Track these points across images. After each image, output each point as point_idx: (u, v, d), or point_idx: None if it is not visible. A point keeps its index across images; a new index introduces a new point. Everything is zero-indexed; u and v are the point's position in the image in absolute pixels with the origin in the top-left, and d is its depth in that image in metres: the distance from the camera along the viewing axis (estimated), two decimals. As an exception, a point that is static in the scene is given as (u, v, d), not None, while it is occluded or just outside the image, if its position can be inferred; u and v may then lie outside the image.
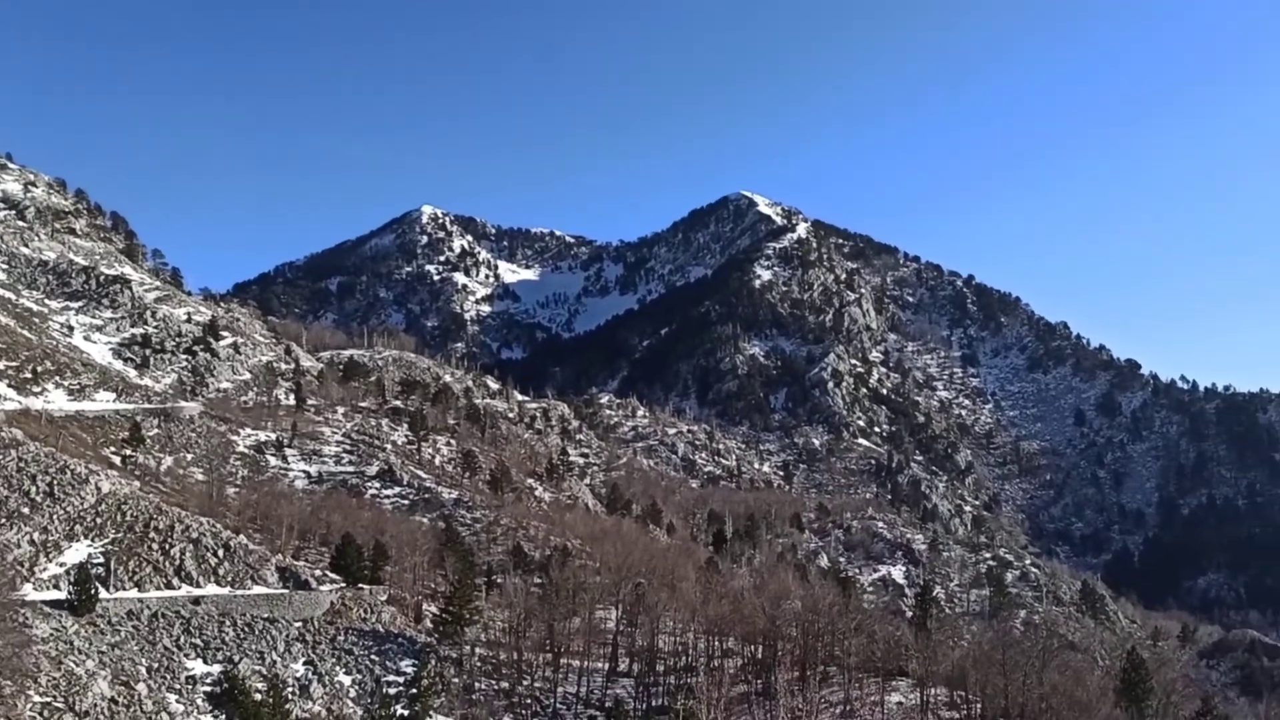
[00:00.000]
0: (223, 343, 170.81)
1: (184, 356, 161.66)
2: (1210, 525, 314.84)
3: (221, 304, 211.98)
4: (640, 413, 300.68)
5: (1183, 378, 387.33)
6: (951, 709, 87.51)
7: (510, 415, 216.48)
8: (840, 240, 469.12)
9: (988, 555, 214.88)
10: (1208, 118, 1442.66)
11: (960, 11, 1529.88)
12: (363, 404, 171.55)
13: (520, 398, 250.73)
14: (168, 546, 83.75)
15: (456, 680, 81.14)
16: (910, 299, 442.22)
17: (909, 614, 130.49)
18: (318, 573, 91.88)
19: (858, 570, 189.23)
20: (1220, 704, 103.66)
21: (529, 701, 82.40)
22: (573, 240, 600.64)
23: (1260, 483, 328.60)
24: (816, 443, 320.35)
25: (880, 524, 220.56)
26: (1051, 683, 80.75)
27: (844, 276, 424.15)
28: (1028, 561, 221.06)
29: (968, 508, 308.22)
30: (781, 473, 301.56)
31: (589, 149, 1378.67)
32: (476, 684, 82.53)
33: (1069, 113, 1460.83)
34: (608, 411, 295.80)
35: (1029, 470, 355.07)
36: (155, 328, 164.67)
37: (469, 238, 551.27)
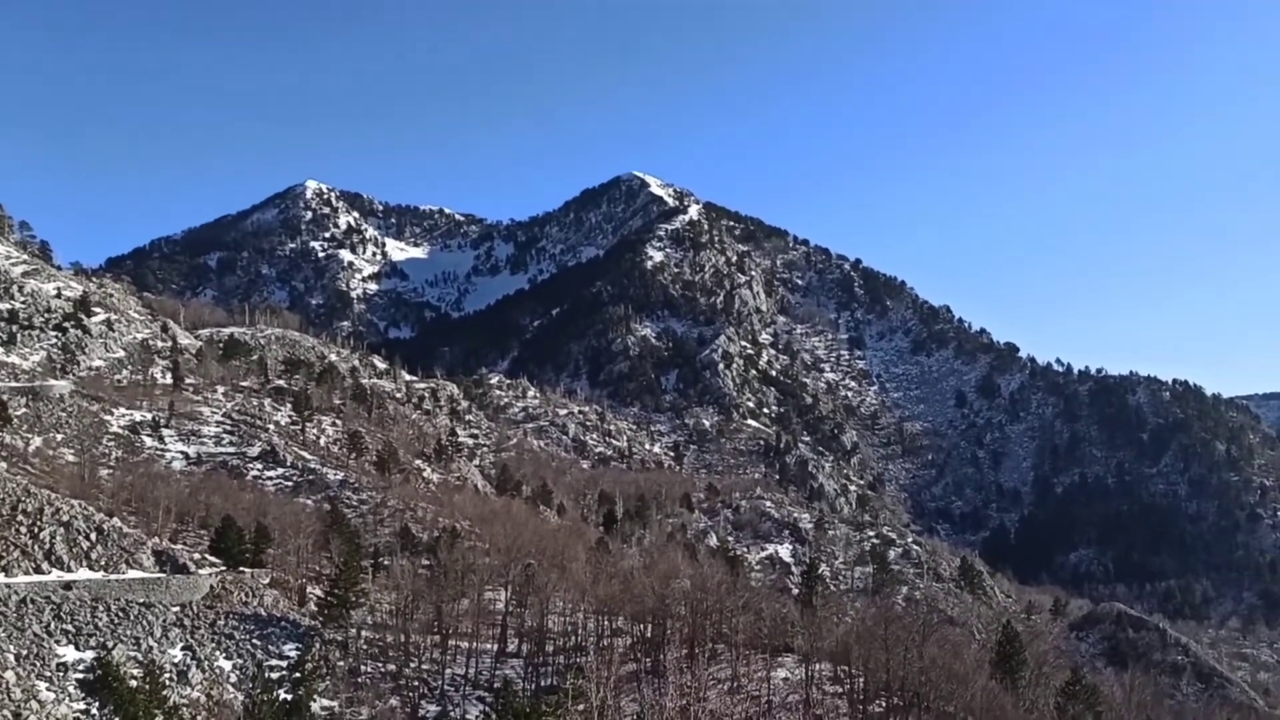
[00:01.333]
0: (95, 319, 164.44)
1: (53, 333, 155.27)
2: (1082, 503, 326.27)
3: (94, 279, 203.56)
4: (531, 393, 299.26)
5: (1058, 361, 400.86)
6: (835, 683, 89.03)
7: (398, 395, 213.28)
8: (731, 223, 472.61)
9: (872, 533, 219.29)
10: (1079, 103, 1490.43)
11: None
12: (244, 383, 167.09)
13: (408, 378, 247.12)
14: (36, 530, 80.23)
15: (342, 663, 79.69)
16: (799, 282, 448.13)
17: (795, 591, 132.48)
18: (196, 556, 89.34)
19: (746, 549, 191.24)
20: (1088, 674, 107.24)
21: (416, 683, 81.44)
22: (463, 218, 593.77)
23: (1128, 462, 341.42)
24: (707, 423, 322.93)
25: (768, 503, 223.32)
26: (931, 656, 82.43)
27: (735, 259, 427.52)
28: (910, 539, 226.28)
29: (853, 487, 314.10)
30: (672, 453, 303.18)
31: (479, 125, 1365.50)
32: (362, 667, 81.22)
33: (948, 98, 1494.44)
34: (498, 392, 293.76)
35: (912, 450, 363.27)
36: (22, 303, 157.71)
37: (355, 214, 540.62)
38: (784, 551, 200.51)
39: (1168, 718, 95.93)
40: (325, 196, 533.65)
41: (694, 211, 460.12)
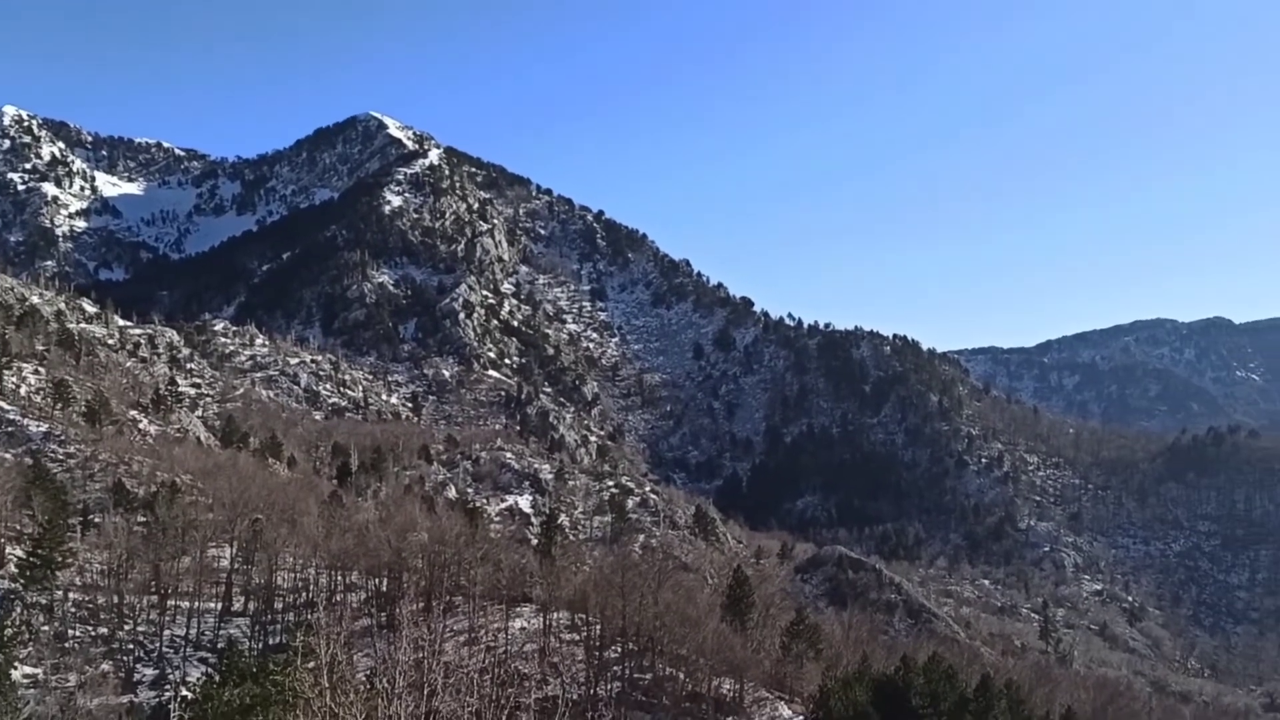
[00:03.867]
0: None
1: None
2: (809, 452, 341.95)
3: None
4: (259, 341, 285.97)
5: (790, 315, 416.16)
6: (573, 631, 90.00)
7: (110, 342, 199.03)
8: (473, 169, 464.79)
9: (611, 483, 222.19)
10: (808, 66, 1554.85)
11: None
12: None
13: (122, 323, 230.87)
14: None
15: (46, 628, 73.71)
16: (542, 232, 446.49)
17: (534, 542, 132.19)
18: None
19: (486, 500, 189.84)
20: (811, 613, 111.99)
21: (131, 646, 76.49)
22: (184, 153, 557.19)
23: (852, 413, 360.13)
24: (446, 374, 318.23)
25: (509, 455, 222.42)
26: (666, 602, 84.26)
27: (477, 206, 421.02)
28: (648, 488, 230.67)
29: (593, 438, 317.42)
30: (410, 404, 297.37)
31: (200, 53, 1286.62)
32: (70, 631, 75.69)
33: (683, 49, 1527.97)
34: (223, 339, 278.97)
35: (651, 401, 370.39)
36: None
37: (61, 144, 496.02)
38: (524, 502, 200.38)
39: (881, 652, 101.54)
40: (26, 124, 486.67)
41: (434, 156, 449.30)
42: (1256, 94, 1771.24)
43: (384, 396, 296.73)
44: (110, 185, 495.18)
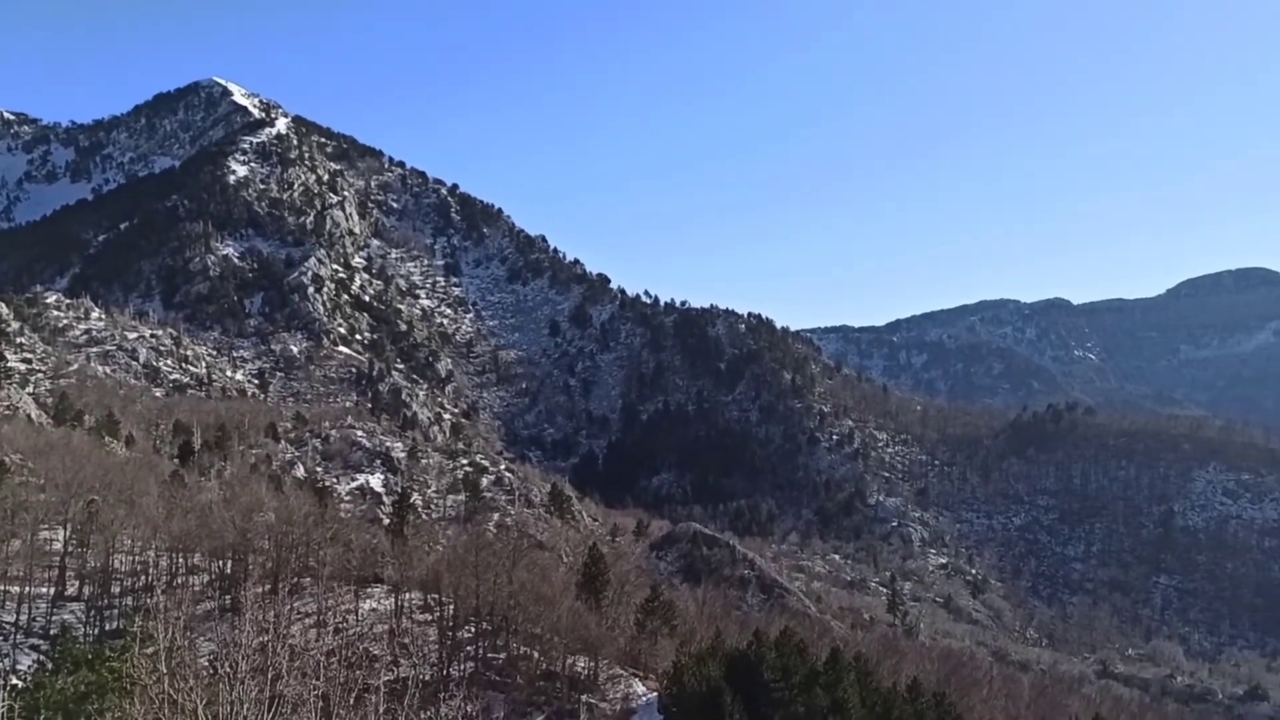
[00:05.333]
0: None
1: None
2: (664, 429, 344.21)
3: None
4: (95, 314, 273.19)
5: (646, 293, 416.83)
6: (425, 611, 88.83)
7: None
8: (323, 139, 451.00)
9: (465, 461, 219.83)
10: (668, 31, 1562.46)
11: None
12: None
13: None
14: None
15: None
16: (395, 205, 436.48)
17: (386, 521, 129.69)
18: None
19: (336, 480, 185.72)
20: (666, 590, 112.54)
21: (-46, 635, 72.04)
22: (12, 117, 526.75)
23: (707, 390, 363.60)
24: (295, 350, 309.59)
25: (360, 433, 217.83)
26: (520, 580, 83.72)
27: (327, 178, 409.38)
28: (503, 466, 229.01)
29: (447, 415, 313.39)
30: (257, 381, 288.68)
31: (33, 11, 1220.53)
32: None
33: (539, 28, 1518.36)
34: (56, 312, 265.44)
35: (506, 379, 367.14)
36: None
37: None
38: (375, 481, 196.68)
39: (735, 627, 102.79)
40: None
41: (282, 125, 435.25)
42: (1090, 85, 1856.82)
43: (229, 373, 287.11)
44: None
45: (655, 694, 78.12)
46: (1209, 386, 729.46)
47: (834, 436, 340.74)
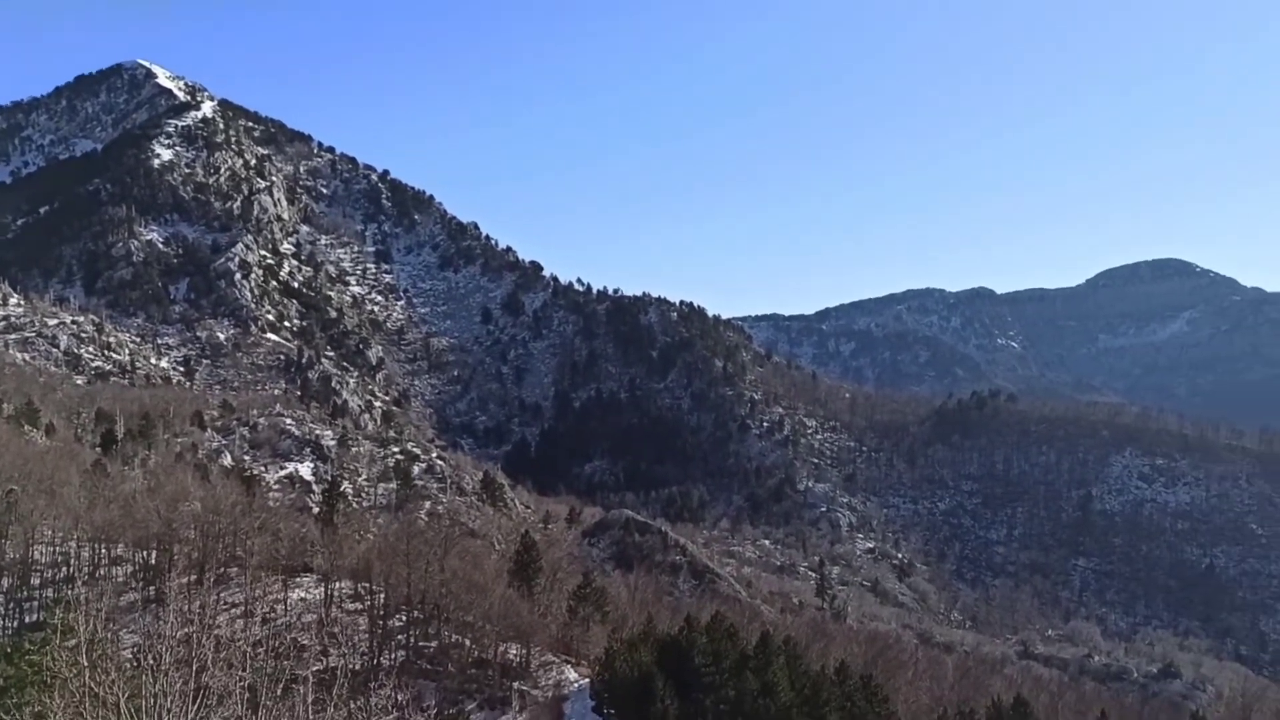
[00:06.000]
0: None
1: None
2: (597, 417, 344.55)
3: None
4: (13, 301, 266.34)
5: (579, 280, 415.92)
6: (356, 600, 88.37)
7: None
8: (250, 123, 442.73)
9: (396, 449, 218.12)
10: (599, 16, 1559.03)
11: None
12: None
13: None
14: None
15: None
16: (324, 191, 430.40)
17: (316, 510, 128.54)
18: None
19: (264, 468, 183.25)
20: (598, 576, 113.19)
21: None
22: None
23: (640, 378, 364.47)
24: (222, 337, 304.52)
25: (289, 421, 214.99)
26: (452, 568, 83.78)
27: (254, 162, 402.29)
28: (434, 454, 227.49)
29: (378, 403, 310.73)
30: (182, 368, 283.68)
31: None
32: None
33: (467, 13, 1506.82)
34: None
35: (438, 366, 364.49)
36: None
37: None
38: (305, 470, 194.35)
39: (666, 613, 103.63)
40: None
41: (208, 108, 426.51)
42: (1009, 78, 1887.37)
43: (153, 360, 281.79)
44: None
45: (587, 680, 78.64)
46: (1126, 374, 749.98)
47: (764, 424, 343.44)
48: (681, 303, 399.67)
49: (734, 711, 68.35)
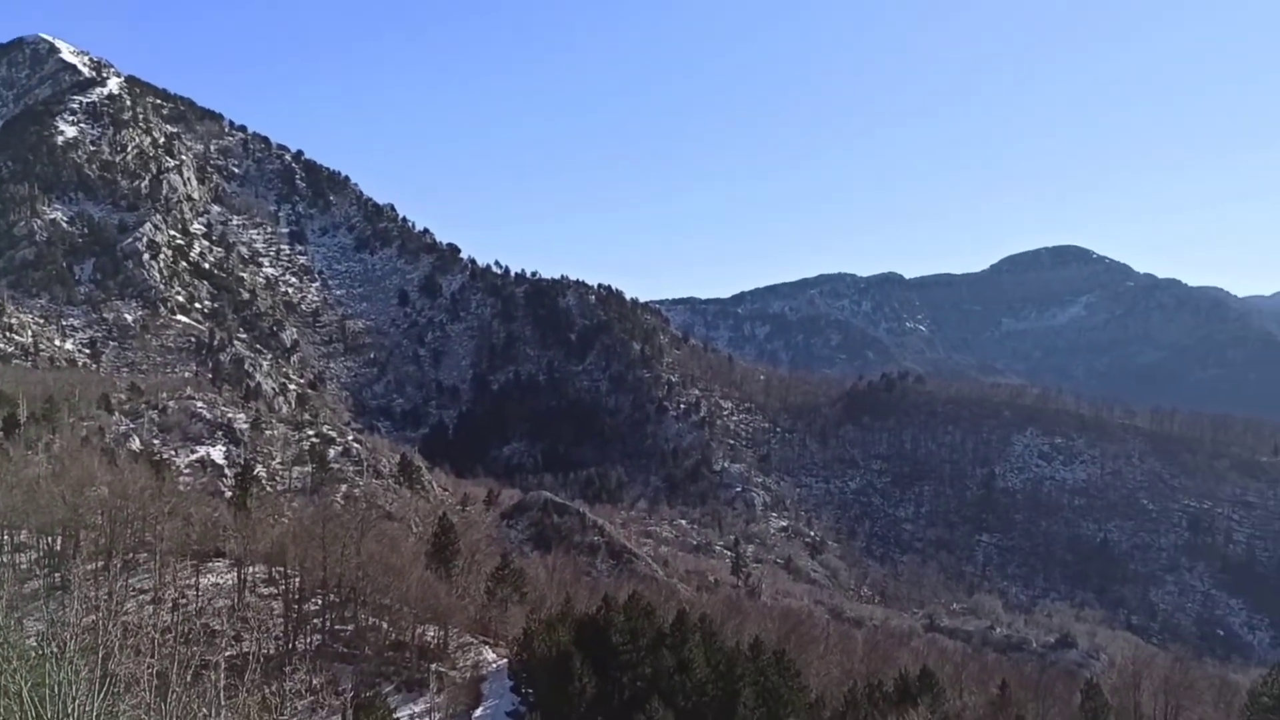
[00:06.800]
0: None
1: None
2: (515, 399, 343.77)
3: None
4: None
5: (497, 263, 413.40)
6: (270, 585, 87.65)
7: None
8: (159, 101, 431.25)
9: (311, 433, 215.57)
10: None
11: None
12: None
13: None
14: None
15: None
16: (236, 170, 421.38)
17: (228, 494, 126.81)
18: None
19: (174, 452, 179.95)
20: (517, 558, 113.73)
21: None
22: None
23: (558, 361, 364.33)
24: (130, 318, 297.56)
25: (200, 404, 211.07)
26: (369, 551, 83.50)
27: (163, 140, 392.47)
28: (351, 437, 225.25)
29: (292, 386, 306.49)
30: (88, 350, 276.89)
31: None
32: None
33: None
34: None
35: (354, 349, 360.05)
36: None
37: None
38: (217, 453, 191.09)
39: (584, 593, 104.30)
40: None
41: (114, 85, 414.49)
42: (914, 71, 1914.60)
43: (57, 342, 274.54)
44: None
45: (505, 660, 79.12)
46: (1027, 356, 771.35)
47: (681, 406, 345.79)
48: (600, 286, 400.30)
49: (650, 688, 69.26)
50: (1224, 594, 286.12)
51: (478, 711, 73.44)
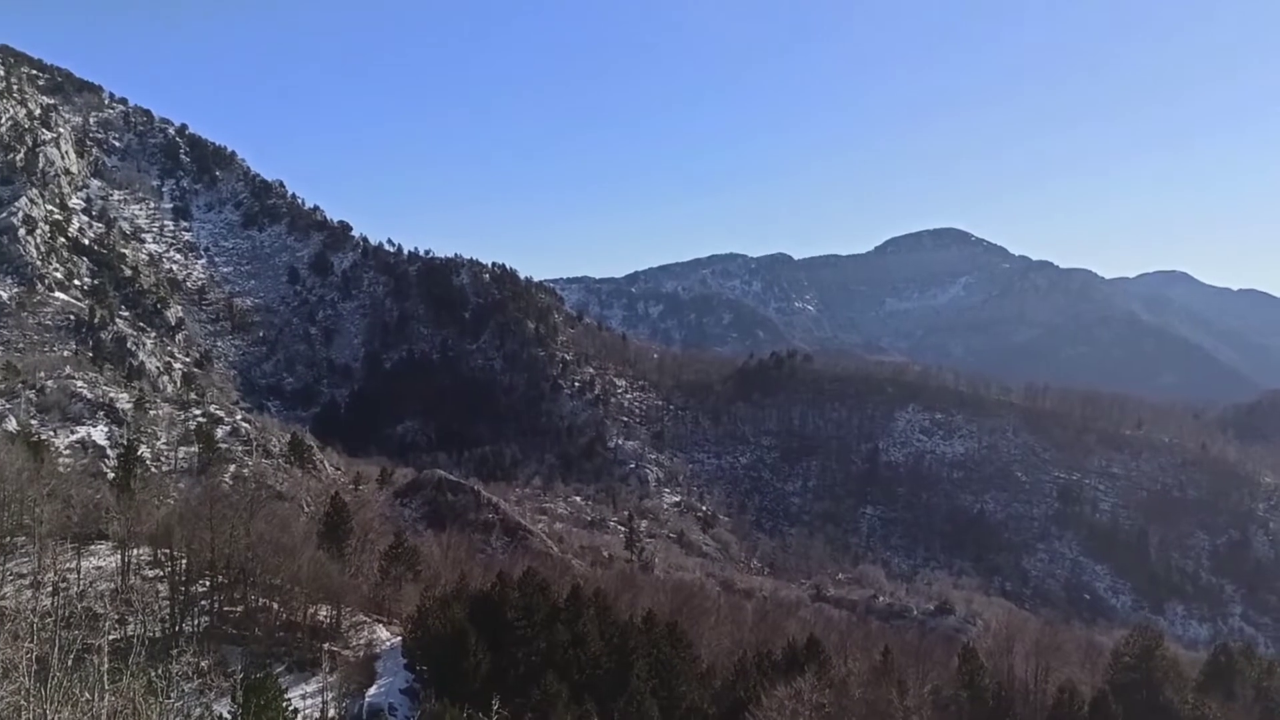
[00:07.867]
0: None
1: None
2: (408, 378, 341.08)
3: None
4: None
5: (390, 241, 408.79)
6: (155, 567, 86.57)
7: None
8: (35, 71, 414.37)
9: (198, 412, 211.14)
10: None
11: None
12: None
13: None
14: None
15: None
16: (117, 144, 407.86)
17: (111, 476, 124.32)
18: None
19: (53, 433, 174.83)
20: (411, 536, 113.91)
21: None
22: None
23: (452, 339, 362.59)
24: (4, 295, 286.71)
25: (80, 383, 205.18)
26: (259, 532, 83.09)
27: (39, 112, 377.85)
28: (239, 417, 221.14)
29: (178, 365, 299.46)
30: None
31: None
32: None
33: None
34: None
35: (242, 327, 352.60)
36: None
37: None
38: (98, 434, 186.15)
39: (479, 570, 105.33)
40: None
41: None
42: (797, 63, 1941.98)
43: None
44: None
45: (399, 638, 79.82)
46: (909, 335, 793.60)
47: (576, 384, 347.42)
48: (494, 265, 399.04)
49: (545, 662, 70.83)
50: (1090, 560, 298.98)
51: (372, 690, 74.04)
